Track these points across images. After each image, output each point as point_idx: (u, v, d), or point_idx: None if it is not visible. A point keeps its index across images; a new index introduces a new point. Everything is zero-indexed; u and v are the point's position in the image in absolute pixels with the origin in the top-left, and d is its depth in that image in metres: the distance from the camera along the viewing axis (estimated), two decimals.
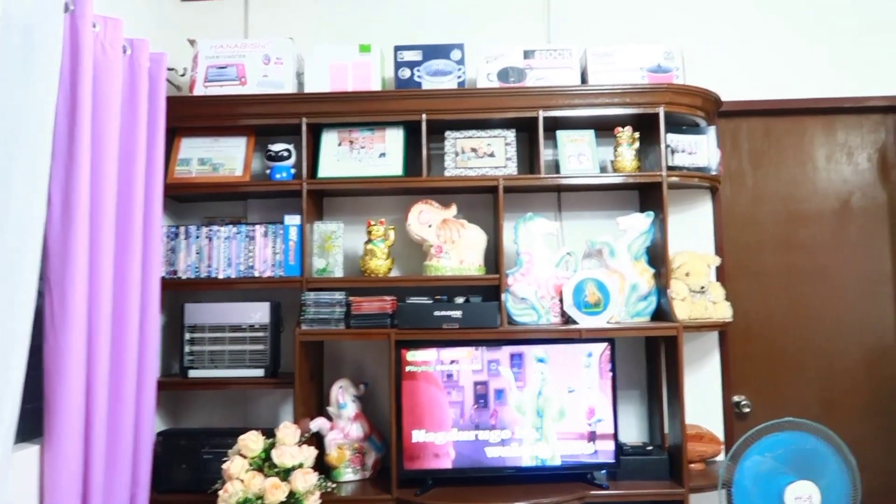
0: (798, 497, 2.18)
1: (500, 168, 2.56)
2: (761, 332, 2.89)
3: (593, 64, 2.61)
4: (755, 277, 2.90)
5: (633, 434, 2.74)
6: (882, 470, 2.84)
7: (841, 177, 2.95)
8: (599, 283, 2.46)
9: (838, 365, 2.88)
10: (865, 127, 2.96)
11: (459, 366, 2.41)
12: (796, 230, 2.93)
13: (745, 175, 2.95)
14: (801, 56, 2.90)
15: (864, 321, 2.90)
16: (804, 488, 2.18)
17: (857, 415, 2.87)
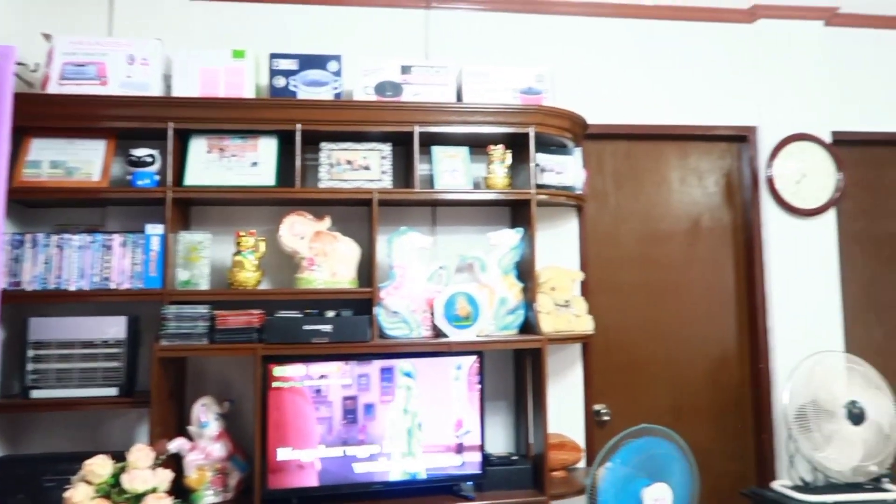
0: (656, 499, 2.33)
1: (375, 181, 2.57)
2: (620, 343, 3.06)
3: (468, 83, 2.67)
4: (615, 292, 3.07)
5: (501, 444, 2.82)
6: (722, 470, 3.08)
7: (692, 199, 3.19)
8: (470, 296, 2.51)
9: (688, 374, 3.11)
10: (714, 154, 3.22)
11: (329, 380, 2.38)
12: (653, 248, 3.13)
13: (608, 195, 3.12)
14: (661, 86, 3.11)
15: (711, 333, 3.14)
16: (659, 490, 2.33)
17: (703, 419, 3.10)
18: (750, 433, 3.12)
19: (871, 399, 2.76)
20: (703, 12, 3.13)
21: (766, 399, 3.06)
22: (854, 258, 3.24)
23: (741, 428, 3.12)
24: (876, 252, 3.28)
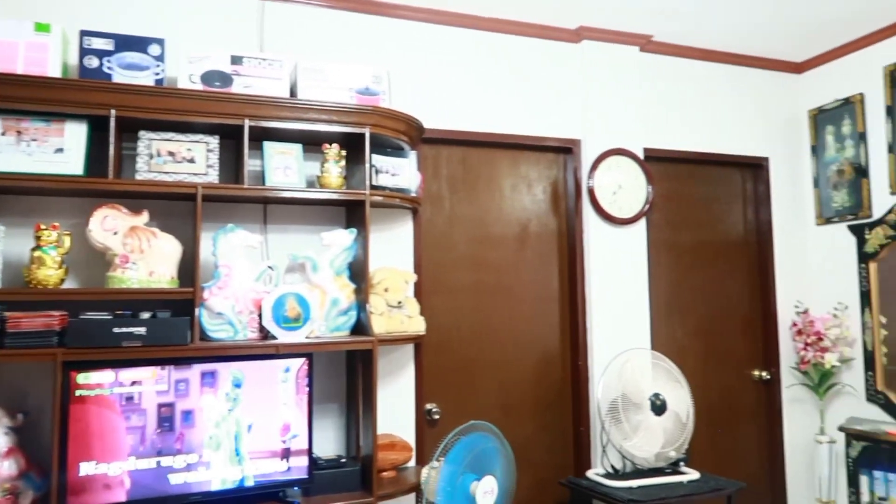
0: (485, 491, 2.39)
1: (200, 175, 2.43)
2: (452, 344, 3.14)
3: (304, 79, 2.61)
4: (448, 293, 3.15)
5: (332, 447, 2.78)
6: (545, 462, 3.26)
7: (522, 205, 3.34)
8: (300, 297, 2.45)
9: (515, 371, 3.25)
10: (542, 163, 3.40)
11: (142, 387, 2.21)
12: (485, 251, 3.24)
13: (443, 198, 3.19)
14: (495, 96, 3.23)
15: (537, 332, 3.31)
16: (488, 483, 2.40)
17: (528, 415, 3.26)
18: (570, 426, 3.33)
19: (672, 391, 3.05)
20: (534, 29, 3.30)
21: (585, 394, 3.28)
22: (660, 264, 3.56)
23: (561, 421, 3.32)
24: (679, 259, 3.64)
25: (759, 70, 3.83)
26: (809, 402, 3.70)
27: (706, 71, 3.70)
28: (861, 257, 3.52)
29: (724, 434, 3.64)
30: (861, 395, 3.50)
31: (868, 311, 3.48)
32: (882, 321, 3.44)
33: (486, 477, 2.40)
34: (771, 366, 3.72)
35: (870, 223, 3.48)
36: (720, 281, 3.72)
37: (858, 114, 3.55)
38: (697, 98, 3.67)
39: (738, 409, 3.69)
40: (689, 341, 3.62)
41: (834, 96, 3.70)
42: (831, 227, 3.70)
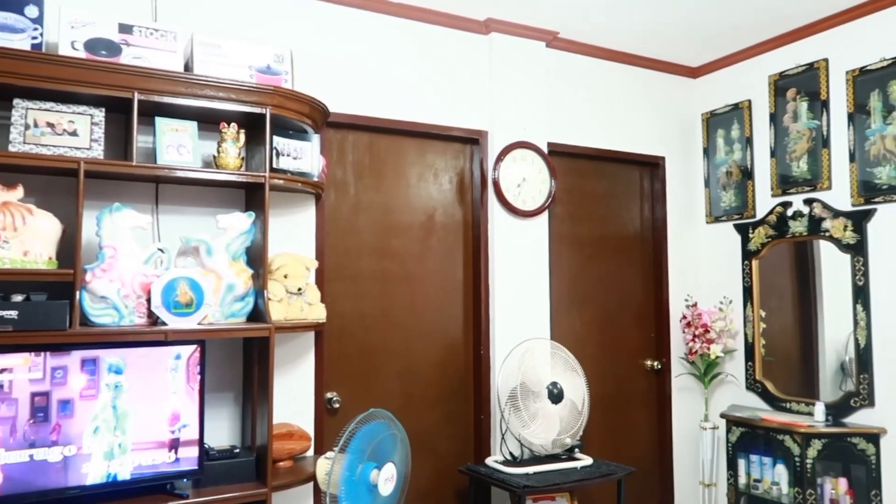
0: (386, 479, 2.37)
1: (83, 150, 2.27)
2: (355, 332, 3.10)
3: (200, 53, 2.49)
4: (352, 281, 3.10)
5: (226, 437, 2.68)
6: (446, 450, 3.28)
7: (428, 194, 3.34)
8: (193, 282, 2.35)
9: (419, 360, 3.25)
10: (449, 153, 3.41)
11: (13, 375, 2.05)
12: (390, 239, 3.22)
13: (348, 185, 3.14)
14: (404, 83, 3.20)
15: (440, 322, 3.32)
16: (388, 470, 2.38)
17: (431, 403, 3.27)
18: (471, 414, 3.36)
19: (569, 380, 3.14)
20: (444, 17, 3.30)
21: (486, 383, 3.32)
22: (561, 257, 3.65)
23: (463, 410, 3.35)
24: (579, 252, 3.74)
25: (659, 73, 3.99)
26: (696, 390, 3.91)
27: (609, 71, 3.82)
28: (745, 255, 3.74)
29: (617, 421, 3.78)
30: (742, 384, 3.73)
31: (750, 305, 3.71)
32: (762, 315, 3.67)
33: (387, 464, 2.39)
34: (662, 356, 3.90)
35: (753, 223, 3.70)
36: (617, 274, 3.86)
37: (746, 119, 3.77)
38: (600, 96, 3.78)
39: (631, 397, 3.84)
40: (587, 331, 3.74)
41: (725, 101, 3.91)
42: (719, 225, 3.92)
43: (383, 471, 2.37)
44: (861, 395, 3.18)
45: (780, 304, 3.67)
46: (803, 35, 3.48)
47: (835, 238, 3.31)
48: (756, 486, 3.41)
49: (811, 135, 3.44)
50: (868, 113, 3.19)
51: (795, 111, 3.52)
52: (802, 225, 3.45)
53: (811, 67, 3.44)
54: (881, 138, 3.14)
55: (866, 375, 3.16)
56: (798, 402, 3.44)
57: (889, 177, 3.10)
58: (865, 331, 3.18)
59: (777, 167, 3.60)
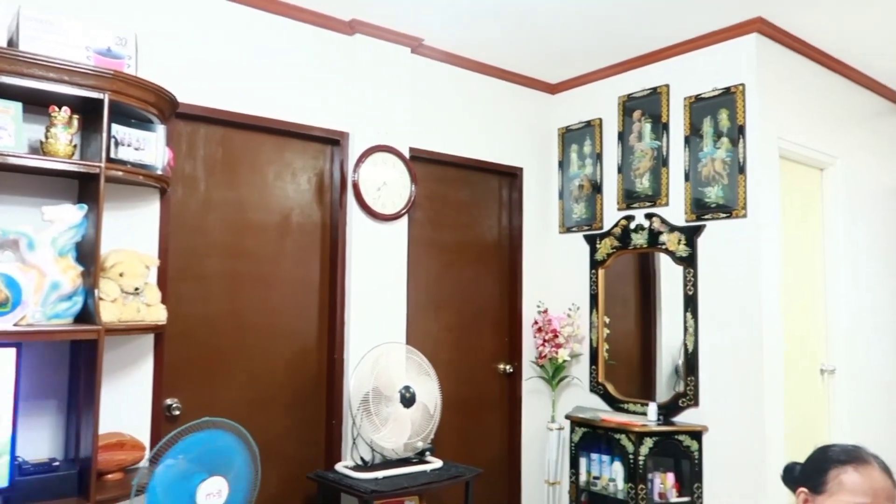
0: (209, 493, 2.26)
1: None
2: (202, 335, 2.95)
3: (28, 29, 2.27)
4: (199, 282, 2.96)
5: (48, 450, 2.46)
6: (296, 457, 3.20)
7: (286, 194, 3.25)
8: (9, 278, 2.13)
9: (270, 364, 3.15)
10: (309, 153, 3.34)
11: None
12: (243, 239, 3.10)
13: (198, 180, 2.99)
14: (263, 78, 3.10)
15: (294, 326, 3.24)
16: (214, 484, 2.28)
17: (281, 409, 3.18)
18: (323, 420, 3.30)
19: (422, 384, 3.17)
20: (310, 15, 3.23)
21: (339, 387, 3.28)
22: (420, 261, 3.69)
23: (315, 415, 3.28)
24: (437, 257, 3.80)
25: (520, 87, 4.14)
26: (545, 392, 4.08)
27: (473, 81, 3.91)
28: (592, 264, 3.96)
29: (470, 423, 3.86)
30: (586, 387, 3.94)
31: (595, 311, 3.92)
32: (606, 321, 3.90)
33: (214, 477, 2.28)
34: (514, 360, 4.04)
35: (601, 234, 3.93)
36: (475, 280, 3.96)
37: (597, 136, 4.00)
38: (463, 105, 3.86)
39: (484, 400, 3.95)
40: (444, 336, 3.79)
41: (579, 118, 4.12)
42: (571, 235, 4.12)
43: (207, 484, 2.26)
44: (688, 396, 3.45)
45: (624, 310, 3.92)
46: (649, 61, 3.74)
47: (670, 251, 3.58)
48: (595, 482, 3.61)
49: (653, 154, 3.70)
50: (701, 137, 3.48)
51: (640, 131, 3.78)
52: (643, 238, 3.71)
53: (655, 92, 3.71)
54: (711, 161, 3.43)
55: (693, 378, 3.44)
56: (635, 403, 3.68)
57: (717, 196, 3.40)
58: (693, 337, 3.46)
59: (623, 183, 3.84)
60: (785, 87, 3.48)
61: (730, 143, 3.35)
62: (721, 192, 3.38)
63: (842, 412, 3.78)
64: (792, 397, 3.44)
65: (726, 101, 3.38)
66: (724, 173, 3.37)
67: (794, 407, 3.48)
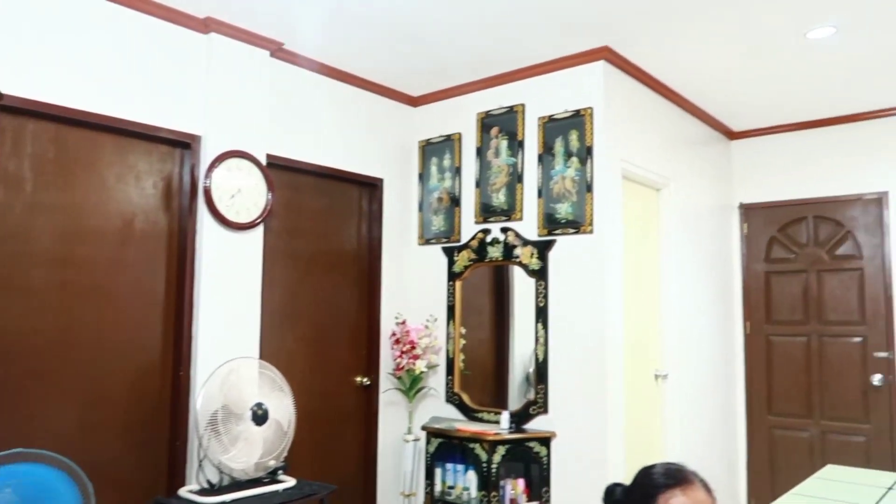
0: None
1: None
2: (22, 353, 2.65)
3: None
4: (24, 294, 2.66)
5: None
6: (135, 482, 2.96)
7: (128, 198, 3.02)
8: None
9: (107, 384, 2.90)
10: (156, 155, 3.12)
11: None
12: (77, 246, 2.83)
13: (24, 181, 2.70)
14: (108, 74, 2.86)
15: (136, 341, 3.01)
16: None
17: (118, 432, 2.93)
18: (166, 442, 3.09)
19: (276, 400, 3.05)
20: (158, 8, 3.03)
21: (185, 406, 3.08)
22: (276, 272, 3.56)
23: (157, 437, 3.06)
24: (294, 268, 3.69)
25: (382, 97, 4.13)
26: (402, 404, 4.08)
27: (335, 89, 3.85)
28: (450, 276, 4.03)
29: (326, 438, 3.78)
30: (442, 397, 3.99)
31: (452, 323, 3.99)
32: (462, 332, 3.98)
33: None
34: (371, 372, 4.01)
35: (458, 247, 4.01)
36: (333, 291, 3.89)
37: (457, 150, 4.08)
38: (324, 113, 3.79)
39: (341, 414, 3.88)
40: (300, 349, 3.69)
41: (440, 132, 4.19)
42: (430, 247, 4.17)
43: None
44: (538, 404, 3.60)
45: (480, 321, 4.01)
46: (507, 80, 3.88)
47: (524, 264, 3.72)
48: (450, 492, 3.65)
49: (509, 170, 3.84)
50: (553, 155, 3.66)
51: (497, 148, 3.90)
52: (499, 251, 3.83)
53: (511, 110, 3.85)
54: (562, 179, 3.61)
55: (543, 386, 3.59)
56: (489, 412, 3.78)
57: (566, 212, 3.58)
58: (544, 346, 3.61)
59: (480, 197, 3.95)
60: (628, 112, 3.75)
61: (579, 163, 3.55)
62: (571, 209, 3.57)
63: (673, 413, 4.11)
64: (631, 401, 3.69)
65: (576, 123, 3.57)
66: (574, 191, 3.56)
67: (633, 410, 3.74)
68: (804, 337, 4.78)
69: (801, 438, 4.76)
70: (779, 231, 4.93)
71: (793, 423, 4.80)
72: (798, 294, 4.83)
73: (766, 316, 4.96)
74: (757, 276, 5.00)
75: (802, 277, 4.81)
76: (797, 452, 4.76)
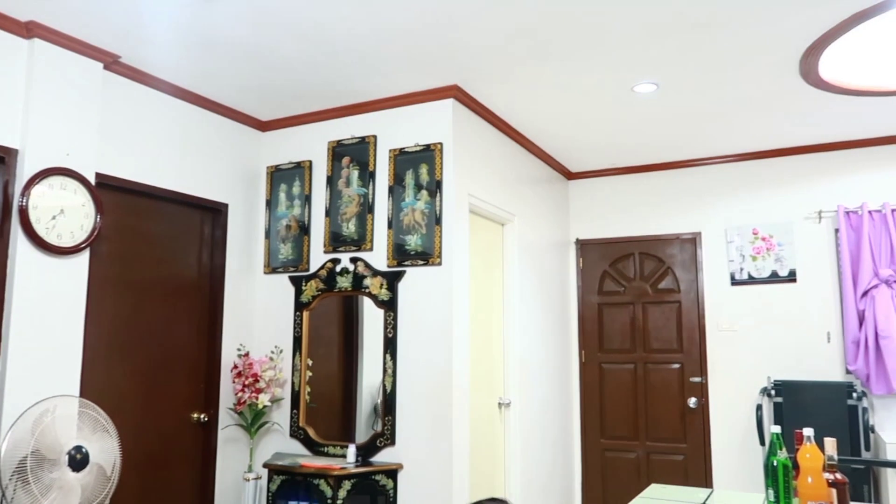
0: None
1: None
2: None
3: None
4: None
5: None
6: None
7: None
8: None
9: None
10: None
11: None
12: None
13: None
14: None
15: None
16: None
17: None
18: None
19: (98, 443, 2.77)
20: None
21: None
22: (105, 301, 3.28)
23: None
24: (126, 296, 3.41)
25: (228, 120, 3.98)
26: (243, 441, 3.88)
27: (177, 108, 3.66)
28: (297, 306, 3.92)
29: (157, 481, 3.49)
30: (286, 432, 3.84)
31: (299, 354, 3.88)
32: (309, 363, 3.87)
33: None
34: (210, 408, 3.77)
35: (307, 276, 3.92)
36: (170, 322, 3.63)
37: (307, 178, 4.01)
38: (164, 133, 3.58)
39: (176, 454, 3.61)
40: (131, 385, 3.39)
41: (289, 158, 4.10)
42: (276, 276, 4.04)
43: None
44: (385, 436, 3.57)
45: (328, 353, 3.93)
46: (359, 111, 3.90)
47: (373, 294, 3.71)
48: None
49: (360, 200, 3.83)
50: (404, 188, 3.70)
51: (349, 177, 3.89)
52: (348, 281, 3.79)
53: (363, 141, 3.86)
54: (412, 211, 3.67)
55: (390, 417, 3.57)
56: (335, 446, 3.69)
57: (416, 244, 3.63)
58: (392, 377, 3.60)
59: (330, 226, 3.90)
60: (476, 149, 3.90)
61: (428, 196, 3.62)
62: (420, 241, 3.62)
63: (516, 440, 4.26)
64: (477, 430, 3.77)
65: (426, 157, 3.65)
66: (423, 223, 3.62)
67: (479, 438, 3.83)
68: (631, 364, 5.17)
69: (630, 459, 5.11)
70: (610, 266, 5.33)
71: (622, 444, 5.14)
72: (626, 324, 5.22)
73: (599, 345, 5.31)
74: (591, 308, 5.35)
75: (630, 309, 5.22)
76: (626, 472, 5.10)
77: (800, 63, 3.35)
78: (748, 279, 4.87)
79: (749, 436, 4.75)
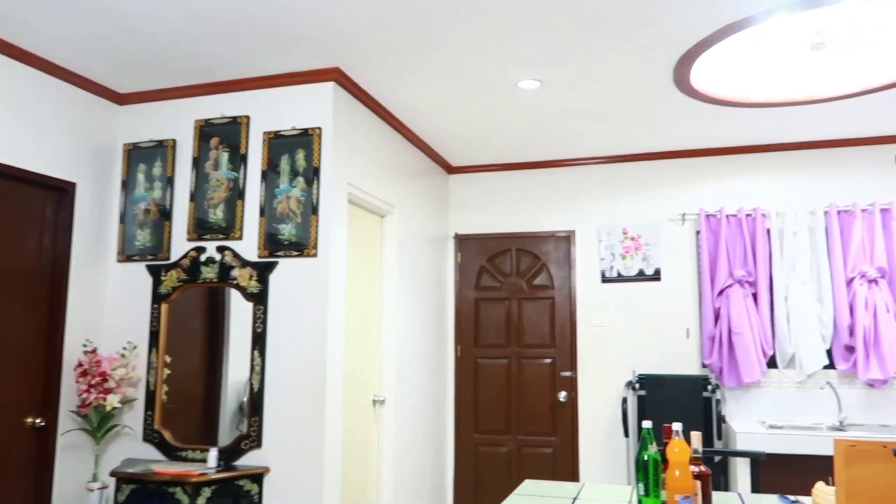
0: None
1: None
2: None
3: None
4: None
5: None
6: None
7: None
8: None
9: None
10: None
11: None
12: None
13: None
14: None
15: None
16: None
17: None
18: None
19: None
20: None
21: None
22: None
23: None
24: None
25: (79, 89, 3.56)
26: (87, 447, 3.49)
27: (15, 71, 3.21)
28: (155, 297, 3.59)
29: None
30: (139, 436, 3.50)
31: (155, 350, 3.54)
32: (167, 360, 3.55)
33: None
34: (48, 411, 3.36)
35: (167, 265, 3.59)
36: (1, 315, 3.19)
37: (169, 158, 3.67)
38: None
39: (5, 464, 3.17)
40: None
41: (150, 136, 3.74)
42: (132, 264, 3.67)
43: None
44: (251, 438, 3.34)
45: (189, 349, 3.62)
46: (230, 89, 3.61)
47: (241, 286, 3.46)
48: None
49: (229, 185, 3.56)
50: (279, 173, 3.48)
51: (217, 160, 3.60)
52: (214, 271, 3.51)
53: (234, 121, 3.59)
54: (287, 198, 3.45)
55: (257, 418, 3.34)
56: (194, 450, 3.41)
57: (290, 233, 3.42)
58: (260, 375, 3.37)
59: (195, 211, 3.59)
60: (357, 137, 3.73)
61: (305, 183, 3.42)
62: (295, 230, 3.41)
63: (390, 438, 4.14)
64: (349, 429, 3.62)
65: (304, 142, 3.45)
66: (299, 212, 3.42)
67: (352, 436, 3.67)
68: (506, 359, 5.22)
69: (501, 453, 5.15)
70: (487, 261, 5.34)
71: (494, 439, 5.18)
72: (502, 319, 5.26)
73: (474, 340, 5.31)
74: (468, 303, 5.35)
75: (506, 304, 5.26)
76: (498, 467, 5.14)
77: (674, 70, 3.48)
78: (617, 277, 5.06)
79: (614, 429, 4.93)
